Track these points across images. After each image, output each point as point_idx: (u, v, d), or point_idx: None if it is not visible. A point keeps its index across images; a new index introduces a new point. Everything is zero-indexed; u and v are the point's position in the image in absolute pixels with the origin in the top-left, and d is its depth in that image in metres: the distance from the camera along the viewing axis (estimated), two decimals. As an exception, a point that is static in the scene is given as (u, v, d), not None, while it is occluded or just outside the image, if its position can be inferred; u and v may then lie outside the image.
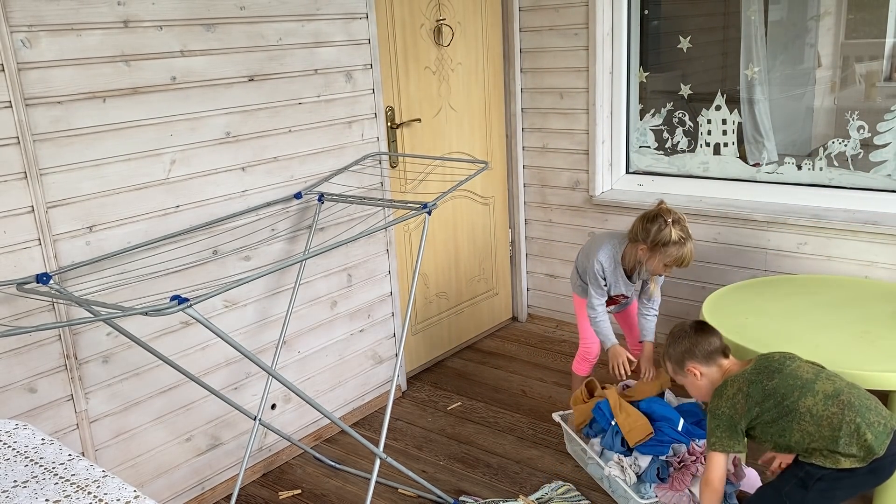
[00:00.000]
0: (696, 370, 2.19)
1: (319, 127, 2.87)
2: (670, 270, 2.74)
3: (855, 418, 1.93)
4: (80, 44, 2.16)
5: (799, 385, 2.01)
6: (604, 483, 2.64)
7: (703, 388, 2.21)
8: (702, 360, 2.19)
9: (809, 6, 3.30)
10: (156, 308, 1.66)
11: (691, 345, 2.20)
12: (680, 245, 2.62)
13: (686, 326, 2.26)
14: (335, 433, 3.14)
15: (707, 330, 2.24)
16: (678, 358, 2.23)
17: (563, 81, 3.73)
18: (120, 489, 1.30)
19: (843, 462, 1.94)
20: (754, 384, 2.05)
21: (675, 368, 2.25)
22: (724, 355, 2.20)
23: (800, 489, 1.99)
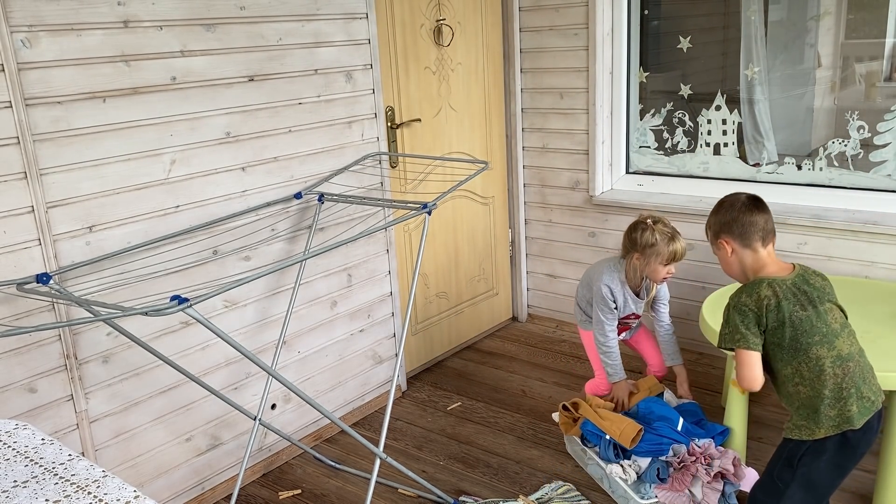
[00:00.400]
0: (730, 245, 2.10)
1: (319, 127, 2.87)
2: (671, 271, 2.76)
3: (850, 388, 1.93)
4: (80, 44, 2.16)
5: (823, 332, 1.96)
6: (604, 483, 2.64)
7: (733, 267, 2.12)
8: (738, 237, 2.08)
9: (809, 6, 3.30)
10: (156, 308, 1.66)
11: (731, 218, 2.10)
12: (668, 240, 2.71)
13: (737, 198, 2.15)
14: (335, 433, 3.14)
15: (756, 208, 2.10)
16: (716, 227, 2.15)
17: (563, 81, 3.73)
18: (120, 489, 1.30)
19: (817, 432, 1.93)
20: (787, 302, 1.96)
21: (712, 238, 2.18)
22: (762, 241, 2.06)
23: (787, 468, 1.99)
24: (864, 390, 1.95)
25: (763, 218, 2.07)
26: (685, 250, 2.74)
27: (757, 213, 2.08)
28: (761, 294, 1.96)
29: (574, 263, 3.96)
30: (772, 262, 2.06)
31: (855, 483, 2.64)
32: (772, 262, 2.06)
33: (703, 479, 2.42)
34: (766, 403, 3.17)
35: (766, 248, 2.07)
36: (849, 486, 2.62)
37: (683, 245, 2.74)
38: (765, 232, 2.06)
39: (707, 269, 3.49)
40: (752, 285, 2.01)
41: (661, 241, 2.70)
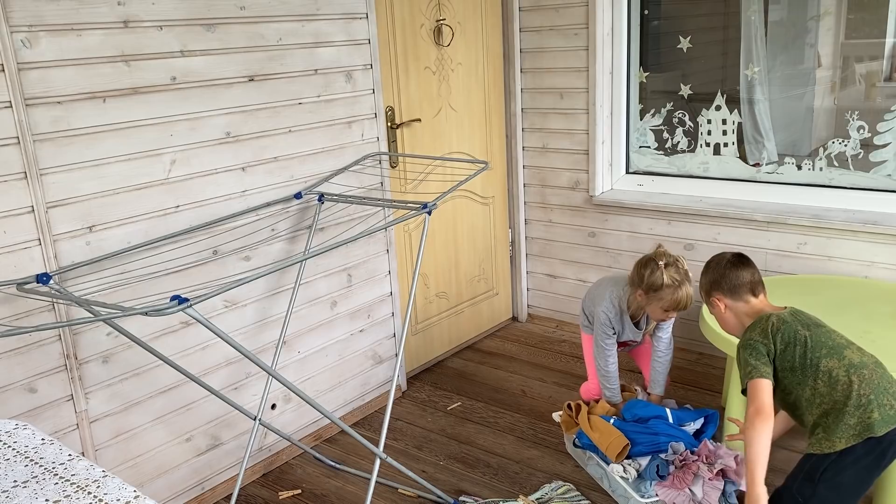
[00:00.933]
0: (721, 302, 2.18)
1: (319, 127, 2.87)
2: (671, 315, 2.73)
3: (869, 394, 1.92)
4: (80, 44, 2.16)
5: (829, 345, 2.00)
6: (603, 482, 2.64)
7: (730, 322, 2.20)
8: (727, 292, 2.16)
9: (809, 6, 3.30)
10: (156, 308, 1.66)
11: (719, 276, 2.19)
12: (674, 288, 2.63)
13: (723, 257, 2.23)
14: (335, 433, 3.15)
15: (741, 264, 2.19)
16: (707, 287, 2.23)
17: (564, 81, 3.73)
18: (120, 489, 1.30)
19: (838, 444, 1.93)
20: (788, 325, 2.03)
21: (705, 298, 2.25)
22: (752, 293, 2.16)
23: (808, 484, 1.98)
24: (884, 398, 1.94)
25: (749, 272, 2.17)
26: (691, 300, 2.67)
27: (742, 269, 2.17)
28: (765, 322, 2.05)
29: (574, 263, 3.96)
30: (767, 306, 2.16)
31: (855, 483, 2.64)
32: (767, 306, 2.16)
33: (704, 476, 2.42)
34: (766, 403, 3.17)
35: (757, 297, 2.16)
36: (849, 486, 2.62)
37: (690, 294, 2.66)
38: (752, 284, 2.16)
39: (707, 269, 3.49)
40: (755, 322, 2.09)
41: (668, 287, 2.63)
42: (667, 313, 2.71)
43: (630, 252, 3.72)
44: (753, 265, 2.20)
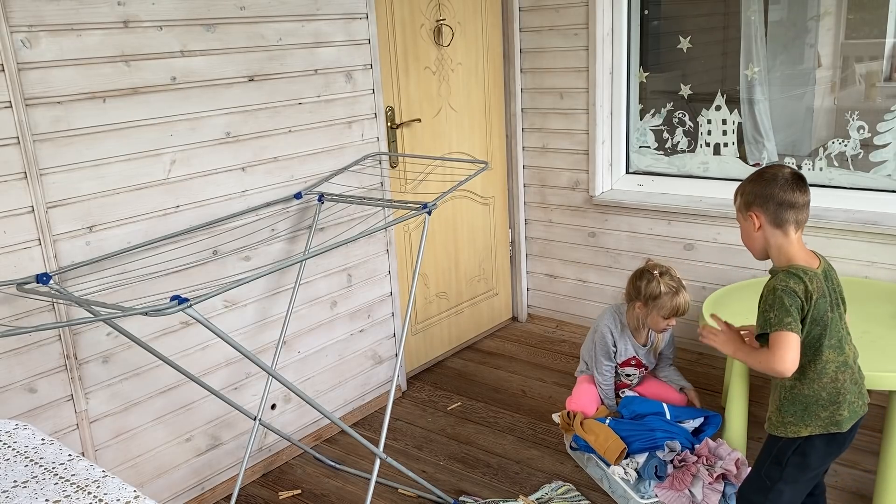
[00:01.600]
0: (759, 220, 1.95)
1: (319, 127, 2.87)
2: (671, 323, 2.76)
3: (846, 394, 1.93)
4: (80, 44, 2.16)
5: (840, 336, 1.94)
6: (603, 483, 2.64)
7: (756, 243, 1.99)
8: (772, 215, 1.92)
9: (809, 6, 3.30)
10: (156, 308, 1.66)
11: (770, 194, 1.93)
12: (672, 295, 2.69)
13: (781, 172, 1.97)
14: (335, 433, 3.14)
15: (799, 188, 1.94)
16: (750, 198, 1.97)
17: (563, 81, 3.73)
18: (120, 489, 1.30)
19: (804, 431, 1.93)
20: (823, 301, 1.89)
21: (742, 205, 2.02)
22: (796, 227, 1.93)
23: (776, 466, 1.98)
24: (855, 396, 1.95)
25: (804, 200, 1.93)
26: (688, 305, 2.72)
27: (799, 194, 1.93)
28: (809, 287, 1.86)
29: (574, 263, 3.96)
30: (801, 250, 1.95)
31: (855, 483, 2.64)
32: (801, 250, 1.95)
33: (704, 479, 2.42)
34: (766, 404, 3.17)
35: (796, 233, 1.94)
36: (849, 486, 2.63)
37: (688, 300, 2.72)
38: (801, 217, 1.94)
39: (707, 270, 3.49)
40: (798, 273, 1.88)
41: (666, 294, 2.68)
42: (667, 321, 2.74)
43: (630, 252, 3.72)
44: (810, 194, 1.96)
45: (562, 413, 2.91)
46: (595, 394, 2.91)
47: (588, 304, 3.96)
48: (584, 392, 2.91)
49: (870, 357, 2.37)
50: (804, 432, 1.93)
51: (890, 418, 2.34)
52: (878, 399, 3.11)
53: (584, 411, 2.83)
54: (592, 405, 2.87)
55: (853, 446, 2.86)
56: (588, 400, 2.88)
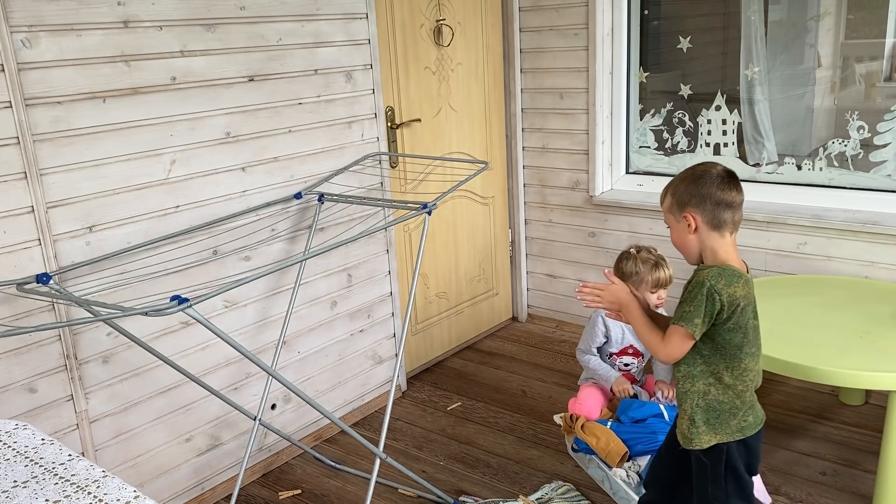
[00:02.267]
0: (695, 222, 1.84)
1: (319, 127, 2.87)
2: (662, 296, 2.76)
3: (754, 402, 1.92)
4: (80, 44, 2.16)
5: (758, 345, 1.91)
6: (605, 484, 2.64)
7: (689, 245, 1.88)
8: (709, 215, 1.82)
9: (809, 6, 3.30)
10: (156, 308, 1.66)
11: (706, 194, 1.83)
12: (652, 266, 2.73)
13: (714, 170, 1.86)
14: (335, 433, 3.14)
15: (736, 186, 1.85)
16: (684, 197, 1.87)
17: (563, 81, 3.73)
18: (120, 489, 1.30)
19: (713, 439, 1.89)
20: (750, 308, 1.83)
21: (675, 206, 1.91)
22: (732, 229, 1.85)
23: (718, 487, 1.93)
24: (755, 403, 1.94)
25: (740, 199, 1.86)
26: (671, 278, 2.76)
27: (735, 193, 1.85)
28: (737, 293, 1.77)
29: (574, 263, 3.96)
30: (735, 254, 1.87)
31: (855, 483, 2.64)
32: (735, 254, 1.87)
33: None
34: (766, 403, 3.17)
35: (732, 235, 1.86)
36: (849, 486, 2.63)
37: (669, 272, 2.75)
38: (737, 218, 1.86)
39: (707, 269, 3.49)
40: (731, 276, 1.78)
41: (645, 268, 2.72)
42: (656, 294, 2.75)
43: (630, 252, 3.72)
44: (741, 189, 1.87)
45: (564, 415, 2.91)
46: (599, 399, 2.87)
47: (588, 304, 3.95)
48: (588, 396, 2.87)
49: (870, 357, 2.37)
50: (714, 440, 1.88)
51: (890, 418, 2.33)
52: (878, 399, 3.11)
53: (588, 415, 2.81)
54: (596, 409, 2.83)
55: (853, 446, 2.87)
56: (592, 404, 2.84)
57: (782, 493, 2.62)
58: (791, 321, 2.66)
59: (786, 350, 2.43)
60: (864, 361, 2.34)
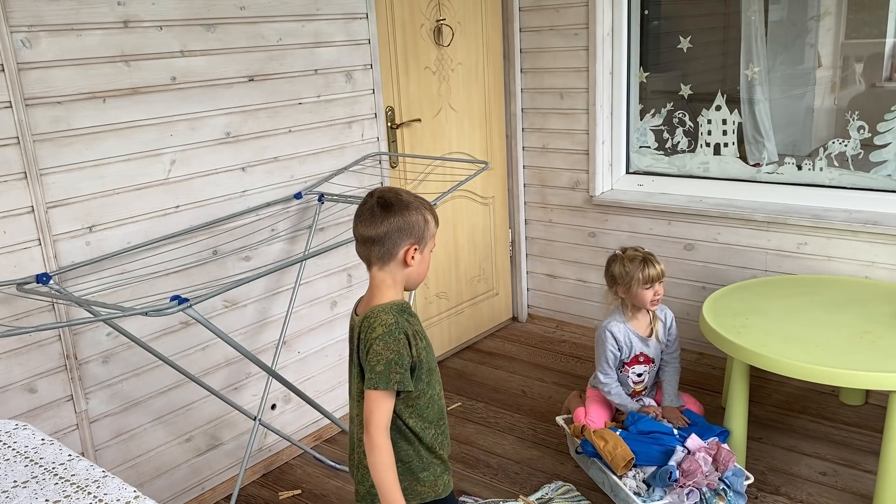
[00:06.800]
0: (417, 253, 1.71)
1: (319, 127, 2.87)
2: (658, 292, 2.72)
3: None
4: (80, 44, 2.16)
5: None
6: (605, 486, 2.64)
7: (410, 278, 1.75)
8: (419, 240, 1.71)
9: (809, 6, 3.30)
10: (156, 308, 1.66)
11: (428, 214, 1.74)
12: (641, 263, 2.69)
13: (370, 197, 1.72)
14: (335, 433, 3.14)
15: (363, 217, 1.70)
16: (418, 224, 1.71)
17: (564, 81, 3.73)
18: (120, 489, 1.30)
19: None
20: None
21: (403, 240, 1.70)
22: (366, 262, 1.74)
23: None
24: None
25: (360, 232, 1.72)
26: (662, 271, 2.72)
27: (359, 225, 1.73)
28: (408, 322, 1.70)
29: (574, 263, 3.96)
30: None
31: (855, 483, 2.64)
32: None
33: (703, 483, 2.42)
34: (766, 403, 3.17)
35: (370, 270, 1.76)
36: (849, 487, 2.63)
37: (660, 267, 2.72)
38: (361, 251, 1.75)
39: (707, 270, 3.49)
40: (401, 308, 1.70)
41: (633, 267, 2.69)
42: (651, 291, 2.71)
43: (630, 252, 3.71)
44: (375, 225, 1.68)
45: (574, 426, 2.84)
46: (606, 412, 2.82)
47: (588, 304, 3.96)
48: (595, 410, 2.82)
49: (870, 357, 2.37)
50: None
51: (890, 418, 2.33)
52: (878, 399, 3.11)
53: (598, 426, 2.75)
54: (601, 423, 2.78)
55: (853, 446, 2.87)
56: (598, 417, 2.80)
57: (782, 493, 2.62)
58: (791, 321, 2.66)
59: (786, 350, 2.43)
60: (864, 361, 2.34)
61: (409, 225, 1.68)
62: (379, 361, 1.62)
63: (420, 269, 1.73)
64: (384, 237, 1.67)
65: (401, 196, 1.70)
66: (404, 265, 1.70)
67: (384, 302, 1.70)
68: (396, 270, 1.70)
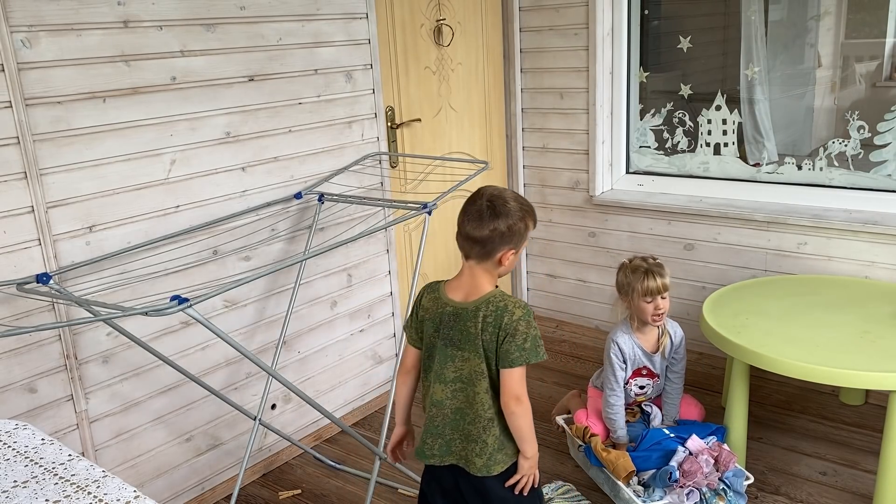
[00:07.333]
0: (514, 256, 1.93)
1: (319, 127, 2.87)
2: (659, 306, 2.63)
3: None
4: (80, 44, 2.16)
5: (431, 367, 2.00)
6: (605, 487, 2.64)
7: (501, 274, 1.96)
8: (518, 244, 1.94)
9: (809, 6, 3.30)
10: (156, 308, 1.66)
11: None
12: (642, 275, 2.61)
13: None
14: (335, 433, 3.14)
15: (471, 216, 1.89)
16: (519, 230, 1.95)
17: (564, 81, 3.73)
18: (120, 489, 1.30)
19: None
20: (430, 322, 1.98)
21: (502, 246, 1.92)
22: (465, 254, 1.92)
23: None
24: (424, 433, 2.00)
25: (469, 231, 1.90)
26: (663, 285, 2.61)
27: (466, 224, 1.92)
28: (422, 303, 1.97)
29: (574, 263, 3.96)
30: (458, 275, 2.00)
31: (855, 483, 2.64)
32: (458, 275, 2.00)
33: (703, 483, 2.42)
34: (767, 403, 3.17)
35: (467, 261, 1.94)
36: (849, 486, 2.63)
37: (662, 281, 2.61)
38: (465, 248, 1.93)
39: (707, 270, 3.49)
40: (516, 300, 1.92)
41: (635, 278, 2.60)
42: (652, 304, 2.61)
43: (630, 252, 3.71)
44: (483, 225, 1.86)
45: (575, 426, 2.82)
46: None
47: (588, 305, 3.96)
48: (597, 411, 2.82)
49: (870, 357, 2.37)
50: None
51: (890, 418, 2.33)
52: (878, 399, 3.11)
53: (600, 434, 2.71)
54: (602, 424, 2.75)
55: (853, 446, 2.87)
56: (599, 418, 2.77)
57: (782, 493, 2.62)
58: (791, 321, 2.66)
59: (786, 350, 2.43)
60: (864, 361, 2.34)
61: (512, 233, 1.86)
62: (526, 339, 1.84)
63: (510, 266, 1.93)
64: (486, 240, 1.84)
65: (507, 203, 1.87)
66: (498, 265, 1.88)
67: (490, 289, 1.89)
68: (491, 267, 1.88)
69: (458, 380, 1.90)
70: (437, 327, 1.91)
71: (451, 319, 1.88)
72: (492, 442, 1.90)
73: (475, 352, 1.86)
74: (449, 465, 1.95)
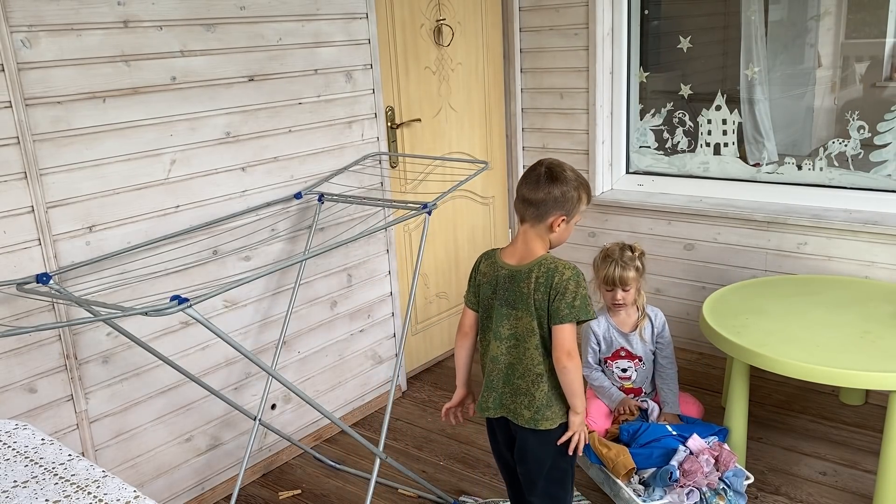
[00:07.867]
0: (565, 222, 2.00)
1: (319, 127, 2.87)
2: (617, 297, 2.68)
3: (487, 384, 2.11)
4: (80, 44, 2.16)
5: (490, 327, 2.09)
6: (605, 487, 2.64)
7: (559, 240, 2.04)
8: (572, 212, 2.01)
9: (809, 6, 3.30)
10: (156, 308, 1.66)
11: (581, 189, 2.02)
12: (609, 263, 2.67)
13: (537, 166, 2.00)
14: (335, 433, 3.14)
15: (530, 181, 1.98)
16: (569, 206, 2.00)
17: (564, 81, 3.73)
18: (120, 489, 1.30)
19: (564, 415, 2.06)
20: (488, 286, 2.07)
21: (553, 211, 1.98)
22: (521, 217, 2.02)
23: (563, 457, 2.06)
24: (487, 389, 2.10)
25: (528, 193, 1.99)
26: (622, 278, 2.64)
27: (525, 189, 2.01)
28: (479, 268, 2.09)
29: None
30: (513, 241, 2.09)
31: (855, 483, 2.64)
32: (513, 241, 2.09)
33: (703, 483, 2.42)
34: (766, 403, 3.17)
35: (523, 224, 2.04)
36: (849, 486, 2.63)
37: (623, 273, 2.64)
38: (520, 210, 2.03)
39: (707, 270, 3.49)
40: (566, 264, 1.97)
41: (603, 265, 2.67)
42: (610, 294, 2.69)
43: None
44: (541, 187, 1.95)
45: None
46: (606, 410, 2.80)
47: (588, 304, 3.95)
48: (596, 411, 2.80)
49: (870, 357, 2.37)
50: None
51: (890, 418, 2.34)
52: (878, 399, 3.11)
53: (598, 430, 2.72)
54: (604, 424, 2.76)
55: (853, 446, 2.87)
56: (597, 416, 2.77)
57: (782, 493, 2.62)
58: (791, 321, 2.66)
59: (786, 350, 2.43)
60: (864, 361, 2.34)
61: (565, 199, 1.95)
62: (576, 297, 1.92)
63: (562, 236, 2.02)
64: (540, 203, 1.95)
65: (565, 171, 1.97)
66: (550, 230, 1.98)
67: (541, 253, 1.98)
68: (543, 232, 1.98)
69: (513, 336, 2.00)
70: (494, 289, 2.02)
71: (506, 281, 2.00)
72: (540, 396, 1.98)
73: (527, 311, 1.96)
74: (500, 417, 2.06)
